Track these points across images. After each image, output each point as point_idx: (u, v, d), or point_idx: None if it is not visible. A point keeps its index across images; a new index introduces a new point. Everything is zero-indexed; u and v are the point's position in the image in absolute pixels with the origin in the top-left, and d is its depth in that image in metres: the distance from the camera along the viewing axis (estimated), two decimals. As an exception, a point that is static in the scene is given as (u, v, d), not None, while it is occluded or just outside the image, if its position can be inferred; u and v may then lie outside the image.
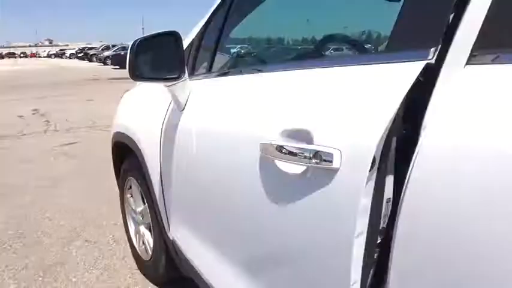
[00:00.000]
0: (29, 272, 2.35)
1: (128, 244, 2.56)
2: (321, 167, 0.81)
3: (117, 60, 28.61)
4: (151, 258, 2.13)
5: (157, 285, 2.18)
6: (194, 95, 1.50)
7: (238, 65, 1.79)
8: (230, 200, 1.23)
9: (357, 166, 0.76)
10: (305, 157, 0.85)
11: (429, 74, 0.72)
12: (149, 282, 2.21)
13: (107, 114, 7.87)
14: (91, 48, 51.79)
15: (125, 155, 2.26)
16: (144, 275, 2.27)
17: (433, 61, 0.72)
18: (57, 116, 8.00)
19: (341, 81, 0.92)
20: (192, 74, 1.56)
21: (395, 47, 0.88)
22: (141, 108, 2.06)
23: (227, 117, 1.27)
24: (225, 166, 1.23)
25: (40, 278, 2.29)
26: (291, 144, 0.89)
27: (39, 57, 79.99)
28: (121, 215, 2.87)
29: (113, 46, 40.14)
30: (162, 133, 1.66)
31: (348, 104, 0.86)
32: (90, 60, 42.02)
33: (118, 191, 3.22)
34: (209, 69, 1.56)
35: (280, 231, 1.00)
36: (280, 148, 0.91)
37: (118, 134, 2.22)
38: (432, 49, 0.72)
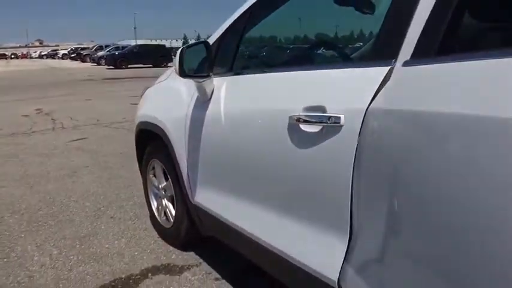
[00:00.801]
0: (67, 242, 2.78)
1: (148, 218, 3.01)
2: (333, 125, 1.30)
3: (112, 60, 28.95)
4: (173, 225, 2.58)
5: (177, 248, 2.63)
6: (218, 88, 1.95)
7: (258, 65, 2.29)
8: (261, 158, 1.68)
9: (353, 122, 1.24)
10: (322, 121, 1.34)
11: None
12: (170, 246, 2.66)
13: (108, 112, 8.37)
14: (84, 49, 52.01)
15: (148, 141, 2.71)
16: (165, 241, 2.72)
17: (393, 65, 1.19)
18: (61, 114, 8.37)
19: (339, 77, 1.42)
20: (213, 72, 2.00)
21: (373, 55, 1.43)
22: (165, 100, 2.51)
23: (257, 101, 1.74)
24: (257, 134, 1.69)
25: (78, 246, 2.72)
26: (313, 114, 1.38)
27: (31, 57, 79.76)
28: (138, 197, 3.32)
29: (106, 46, 40.42)
30: (188, 118, 2.11)
31: (346, 90, 1.35)
32: (84, 61, 42.25)
33: (132, 177, 3.68)
34: (231, 68, 2.00)
35: (304, 171, 1.46)
36: (305, 117, 1.39)
37: (143, 123, 2.66)
38: (392, 59, 1.19)
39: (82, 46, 64.87)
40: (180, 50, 1.89)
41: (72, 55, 51.75)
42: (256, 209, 1.73)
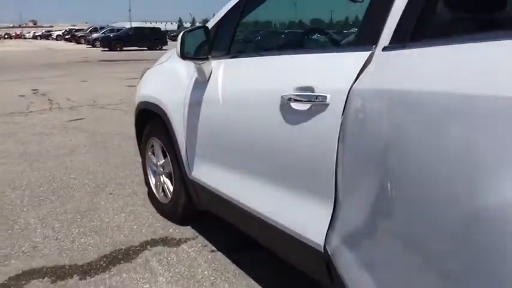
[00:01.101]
0: (68, 216, 2.91)
1: (146, 195, 3.14)
2: (320, 103, 1.43)
3: (107, 43, 28.83)
4: (170, 201, 2.71)
5: (174, 222, 2.76)
6: (216, 70, 2.08)
7: (253, 49, 2.41)
8: (255, 134, 1.81)
9: (338, 101, 1.37)
10: (310, 100, 1.47)
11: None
12: (167, 221, 2.79)
13: (104, 94, 8.46)
14: (78, 30, 51.49)
15: (148, 121, 2.82)
16: (163, 216, 2.85)
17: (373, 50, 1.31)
18: (57, 95, 8.42)
19: (326, 60, 1.55)
20: (212, 55, 2.12)
21: (356, 41, 1.58)
22: (166, 81, 2.62)
23: (252, 82, 1.87)
24: (252, 113, 1.82)
25: (79, 220, 2.85)
26: (303, 94, 1.51)
27: (25, 38, 78.85)
28: (136, 175, 3.44)
29: (101, 28, 40.17)
30: (187, 98, 2.23)
31: (332, 73, 1.48)
32: (78, 42, 41.94)
33: (129, 157, 3.79)
34: (228, 51, 2.12)
35: (294, 145, 1.59)
36: (295, 96, 1.53)
37: (143, 103, 2.78)
38: (373, 45, 1.32)
39: (76, 28, 64.14)
40: (181, 33, 2.01)
41: (67, 36, 51.24)
42: (249, 181, 1.87)
